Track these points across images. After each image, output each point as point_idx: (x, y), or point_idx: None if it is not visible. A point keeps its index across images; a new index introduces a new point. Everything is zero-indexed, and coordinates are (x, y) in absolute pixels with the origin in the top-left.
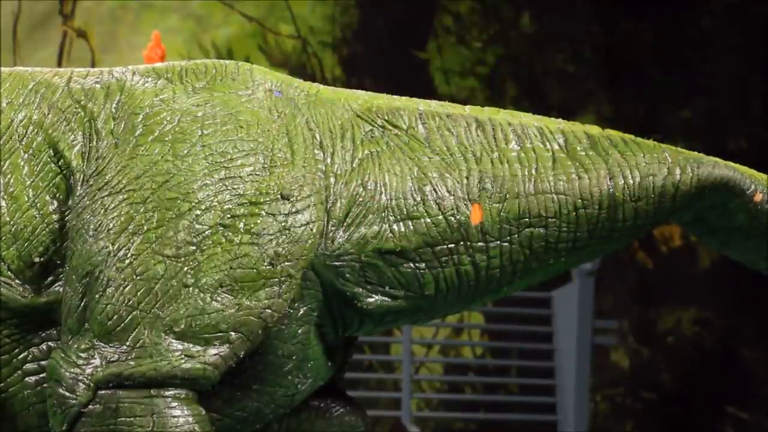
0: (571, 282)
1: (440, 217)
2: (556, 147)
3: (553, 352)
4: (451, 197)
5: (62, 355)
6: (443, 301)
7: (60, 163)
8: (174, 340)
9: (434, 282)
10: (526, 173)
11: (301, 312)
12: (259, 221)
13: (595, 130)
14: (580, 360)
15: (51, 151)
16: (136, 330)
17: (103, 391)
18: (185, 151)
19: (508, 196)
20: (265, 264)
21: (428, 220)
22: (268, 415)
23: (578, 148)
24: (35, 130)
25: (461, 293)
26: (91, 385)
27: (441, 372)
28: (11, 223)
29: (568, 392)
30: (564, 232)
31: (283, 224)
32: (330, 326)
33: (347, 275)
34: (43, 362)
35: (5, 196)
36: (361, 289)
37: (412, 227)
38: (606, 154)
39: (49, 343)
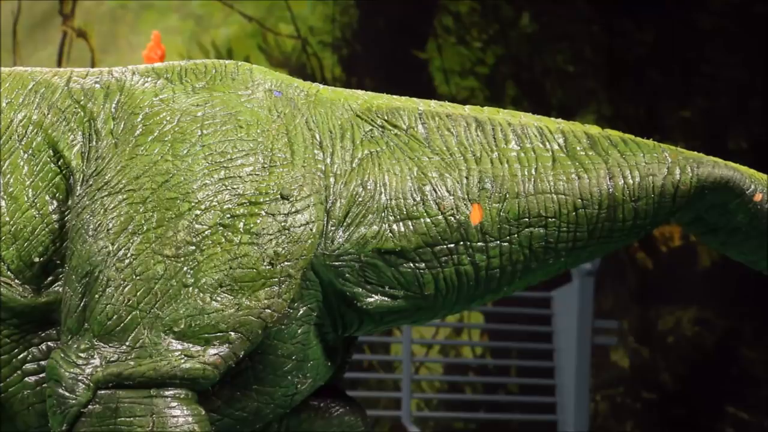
0: (571, 282)
1: (440, 217)
2: (556, 147)
3: (552, 351)
4: (451, 197)
5: (62, 355)
6: (443, 300)
7: (60, 163)
8: (174, 340)
9: (434, 282)
10: (526, 173)
11: (301, 312)
12: (258, 221)
13: (594, 130)
14: (580, 360)
15: (50, 151)
16: (136, 330)
17: (102, 391)
18: (185, 151)
19: (507, 196)
20: (265, 264)
21: (428, 220)
22: (268, 415)
23: (578, 148)
24: (35, 130)
25: (461, 293)
26: (91, 385)
27: (441, 372)
28: (11, 223)
29: (568, 392)
30: (564, 232)
31: (282, 224)
32: (330, 326)
33: (347, 275)
34: (42, 362)
35: (5, 196)
36: (360, 289)
37: (411, 227)
38: (606, 154)
39: (49, 343)
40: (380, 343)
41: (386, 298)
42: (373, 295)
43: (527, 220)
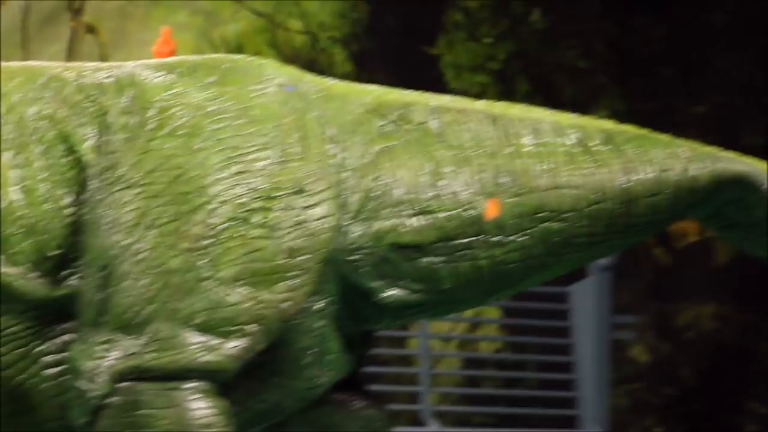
0: (588, 277)
1: (456, 211)
2: (571, 142)
3: (571, 346)
4: (466, 192)
5: (81, 347)
6: (461, 295)
7: (73, 158)
8: (192, 333)
9: (451, 276)
10: (541, 168)
11: (319, 305)
12: (273, 215)
13: (609, 124)
14: (599, 355)
15: (64, 145)
16: (154, 323)
17: (122, 384)
18: (198, 146)
19: (523, 190)
20: (281, 258)
21: (444, 214)
22: (288, 408)
23: (593, 143)
24: (47, 125)
25: (478, 288)
26: (111, 377)
27: (459, 366)
28: (26, 216)
29: (588, 387)
30: (580, 227)
31: (298, 218)
32: (348, 320)
33: (364, 270)
34: (61, 355)
35: (19, 190)
36: (377, 284)
37: (427, 221)
38: (621, 149)
39: (67, 336)
40: (397, 338)
41: (403, 293)
42: (390, 290)
43: (543, 215)
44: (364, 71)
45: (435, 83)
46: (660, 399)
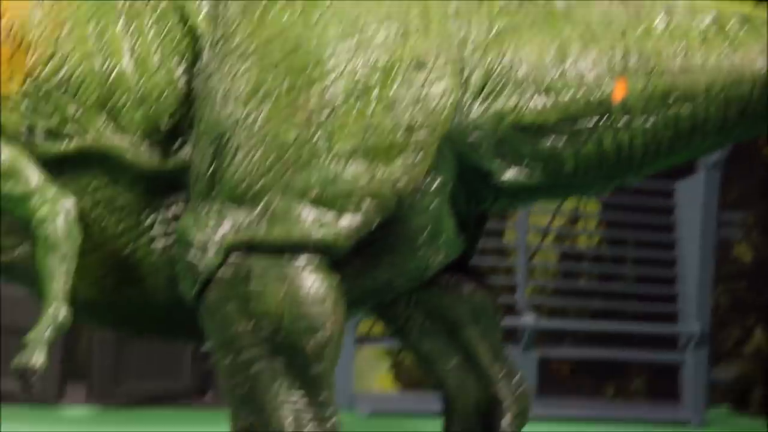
0: (696, 173)
1: (581, 91)
2: (705, 23)
3: (674, 242)
4: (593, 71)
5: (191, 219)
6: (581, 179)
7: (187, 28)
8: (306, 207)
9: (573, 159)
10: (673, 50)
11: (435, 184)
12: (393, 90)
13: (747, 8)
14: (703, 252)
15: (178, 15)
16: (268, 196)
17: (234, 256)
18: (316, 17)
19: (653, 72)
20: (400, 133)
21: (568, 94)
22: (398, 287)
23: (730, 25)
24: None
25: (601, 171)
26: (222, 248)
27: (556, 260)
28: (138, 86)
29: (690, 283)
30: (712, 111)
31: (417, 94)
32: (463, 200)
33: (483, 149)
34: (170, 227)
35: (132, 60)
36: (496, 164)
37: (551, 102)
38: (759, 32)
39: (177, 207)
40: (495, 230)
41: (523, 175)
42: (509, 170)
43: (674, 97)
44: None
45: None
46: (763, 299)
